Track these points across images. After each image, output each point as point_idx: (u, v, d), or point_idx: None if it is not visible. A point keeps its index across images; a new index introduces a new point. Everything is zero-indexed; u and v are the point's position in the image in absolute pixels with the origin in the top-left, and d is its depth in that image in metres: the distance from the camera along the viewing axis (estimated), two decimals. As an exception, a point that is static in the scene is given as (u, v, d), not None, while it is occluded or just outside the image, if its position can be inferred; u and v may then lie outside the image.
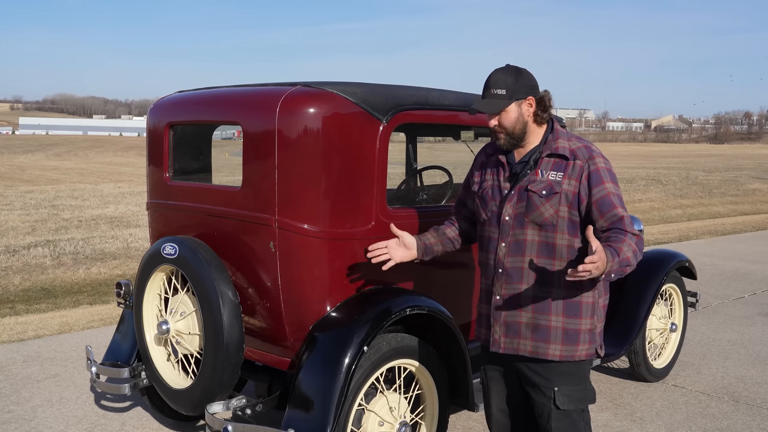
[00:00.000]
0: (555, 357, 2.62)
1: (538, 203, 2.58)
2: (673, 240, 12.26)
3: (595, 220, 2.54)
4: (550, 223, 2.58)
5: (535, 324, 2.63)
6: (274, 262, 3.08)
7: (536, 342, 2.63)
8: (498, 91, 2.58)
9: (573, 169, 2.58)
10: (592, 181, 2.55)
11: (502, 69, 2.63)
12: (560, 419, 2.65)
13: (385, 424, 3.16)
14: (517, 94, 2.59)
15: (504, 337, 2.69)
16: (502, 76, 2.60)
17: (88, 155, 55.12)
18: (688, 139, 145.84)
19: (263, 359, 3.38)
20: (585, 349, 2.65)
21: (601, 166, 2.58)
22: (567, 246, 2.59)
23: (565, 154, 2.60)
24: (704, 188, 23.48)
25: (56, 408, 4.42)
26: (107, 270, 9.65)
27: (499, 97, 2.58)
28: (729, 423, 4.30)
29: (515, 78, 2.60)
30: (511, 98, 2.59)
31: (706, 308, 7.21)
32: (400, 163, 5.04)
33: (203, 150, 4.05)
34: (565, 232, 2.58)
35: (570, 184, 2.56)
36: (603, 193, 2.54)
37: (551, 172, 2.60)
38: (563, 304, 2.61)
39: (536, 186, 2.60)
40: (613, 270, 2.39)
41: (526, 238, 2.62)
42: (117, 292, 3.99)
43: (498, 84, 2.59)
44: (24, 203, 17.53)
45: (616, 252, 2.40)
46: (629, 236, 2.47)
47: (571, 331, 2.62)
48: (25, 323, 6.65)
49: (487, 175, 2.80)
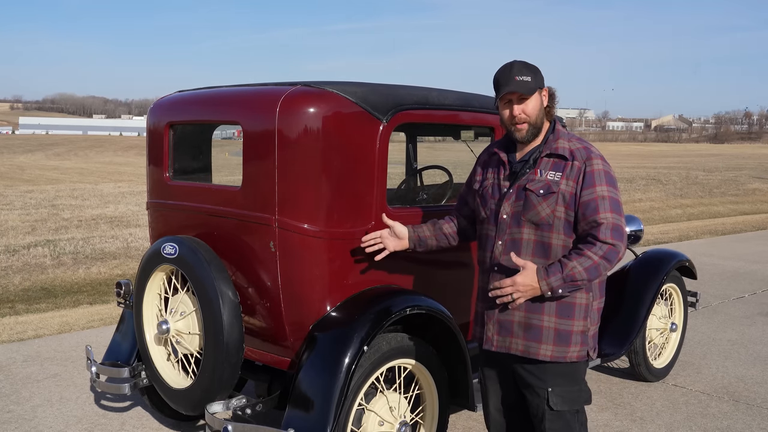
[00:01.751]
0: (546, 357, 2.62)
1: (536, 202, 2.59)
2: (673, 240, 12.26)
3: (578, 221, 2.56)
4: (546, 222, 2.58)
5: (527, 323, 2.63)
6: (274, 262, 3.08)
7: (528, 341, 2.63)
8: (524, 78, 2.58)
9: (571, 169, 2.58)
10: (585, 182, 2.56)
11: (514, 61, 2.63)
12: (554, 420, 2.65)
13: (385, 423, 3.16)
14: (539, 83, 2.62)
15: (497, 335, 2.70)
16: (520, 65, 2.61)
17: (88, 155, 55.12)
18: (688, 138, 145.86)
19: (263, 359, 3.38)
20: (576, 351, 2.64)
21: (597, 168, 2.56)
22: (562, 246, 2.59)
23: (565, 154, 2.61)
24: (704, 188, 23.48)
25: (56, 408, 4.41)
26: (107, 270, 9.65)
27: (527, 82, 2.58)
28: (729, 423, 4.30)
29: (530, 67, 2.62)
30: (536, 85, 2.61)
31: (706, 308, 7.21)
32: (400, 162, 5.03)
33: (203, 150, 4.05)
34: (561, 232, 2.59)
35: (568, 185, 2.57)
36: (591, 197, 2.53)
37: (550, 171, 2.60)
38: (556, 305, 2.61)
39: (534, 185, 2.60)
40: (554, 287, 2.47)
41: (523, 236, 2.62)
42: (117, 291, 3.99)
43: (522, 72, 2.59)
44: (24, 203, 17.53)
45: (560, 267, 2.47)
46: (596, 247, 2.47)
47: (563, 332, 2.61)
48: (25, 323, 6.65)
49: (488, 173, 2.81)
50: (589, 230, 2.51)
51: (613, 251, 2.47)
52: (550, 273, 2.49)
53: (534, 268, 2.52)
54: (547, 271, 2.50)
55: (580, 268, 2.46)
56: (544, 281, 2.48)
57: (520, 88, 2.57)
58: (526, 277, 2.49)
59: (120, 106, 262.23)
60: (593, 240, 2.49)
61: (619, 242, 2.48)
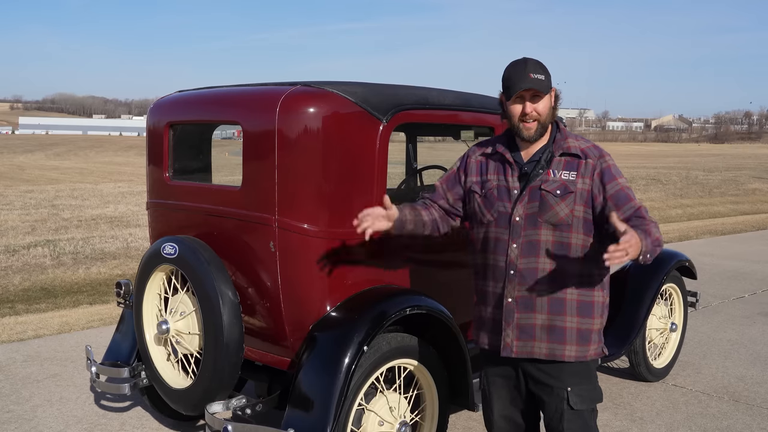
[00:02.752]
0: (571, 358, 2.60)
1: (553, 203, 2.55)
2: (673, 240, 12.26)
3: (609, 213, 2.50)
4: (565, 222, 2.55)
5: (550, 325, 2.59)
6: (274, 262, 3.08)
7: (552, 344, 2.60)
8: (538, 75, 2.53)
9: (586, 167, 2.57)
10: (605, 177, 2.56)
11: (529, 59, 2.58)
12: (573, 419, 2.62)
13: (385, 423, 3.15)
14: (550, 80, 2.58)
15: (517, 341, 2.62)
16: (534, 63, 2.56)
17: (87, 155, 55.12)
18: (688, 138, 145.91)
19: (263, 359, 3.38)
20: (594, 349, 2.65)
21: (612, 163, 2.61)
22: (582, 245, 2.58)
23: (578, 153, 2.59)
24: (704, 188, 23.48)
25: (56, 408, 4.41)
26: (107, 270, 9.64)
27: (541, 80, 2.53)
28: (729, 423, 4.30)
29: (543, 66, 2.58)
30: (549, 84, 2.56)
31: (706, 308, 7.21)
32: (400, 162, 5.04)
33: (203, 150, 4.05)
34: (580, 231, 2.57)
35: (584, 183, 2.56)
36: (617, 188, 2.55)
37: (563, 171, 2.58)
38: (577, 305, 2.59)
39: (550, 186, 2.56)
40: (648, 250, 2.37)
41: (540, 238, 2.58)
42: (117, 291, 3.99)
43: (537, 70, 2.54)
44: (24, 203, 17.53)
45: (645, 233, 2.39)
46: (651, 222, 2.49)
47: (584, 331, 2.61)
48: (24, 323, 6.65)
49: (489, 175, 2.71)
50: (632, 214, 2.52)
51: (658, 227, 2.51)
52: (645, 236, 2.37)
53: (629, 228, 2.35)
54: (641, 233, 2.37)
55: (659, 234, 2.44)
56: (643, 241, 2.35)
57: (537, 86, 2.52)
58: (633, 232, 2.31)
59: (120, 106, 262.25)
60: (643, 218, 2.49)
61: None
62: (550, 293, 2.58)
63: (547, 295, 2.58)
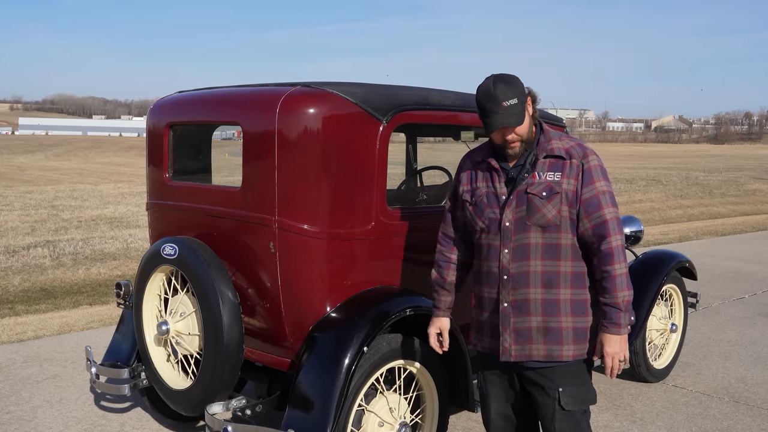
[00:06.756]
0: (569, 357, 2.61)
1: (540, 205, 2.57)
2: (673, 240, 12.26)
3: (581, 219, 2.56)
4: (553, 224, 2.57)
5: (546, 327, 2.61)
6: (274, 263, 3.08)
7: (549, 345, 2.61)
8: (510, 102, 2.49)
9: (570, 168, 2.58)
10: (585, 179, 2.57)
11: (494, 82, 2.52)
12: (564, 420, 2.64)
13: (385, 424, 3.15)
14: (522, 97, 2.54)
15: (515, 345, 2.64)
16: (503, 87, 2.50)
17: (87, 155, 55.13)
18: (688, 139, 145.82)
19: (263, 359, 3.38)
20: (590, 347, 2.66)
21: (594, 164, 2.60)
22: (571, 245, 2.59)
23: (561, 154, 2.60)
24: (704, 188, 23.47)
25: (56, 408, 4.41)
26: (107, 270, 9.64)
27: (514, 107, 2.50)
28: (729, 424, 4.30)
29: (512, 84, 2.53)
30: (522, 104, 2.53)
31: (706, 309, 7.21)
32: (400, 163, 5.03)
33: (203, 150, 4.05)
34: (569, 231, 2.58)
35: (569, 183, 2.57)
36: (592, 193, 2.55)
37: (548, 172, 2.59)
38: (571, 304, 2.60)
39: (536, 188, 2.58)
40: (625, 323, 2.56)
41: (530, 241, 2.59)
42: (117, 292, 3.99)
43: (506, 95, 2.49)
44: (23, 203, 17.52)
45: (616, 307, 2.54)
46: (615, 254, 2.53)
47: (580, 329, 2.62)
48: (24, 324, 6.64)
49: (478, 182, 2.73)
50: (596, 227, 2.54)
51: (621, 241, 2.58)
52: (614, 319, 2.54)
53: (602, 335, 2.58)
54: (611, 320, 2.55)
55: (625, 286, 2.54)
56: (619, 328, 2.55)
57: (511, 121, 2.50)
58: (610, 344, 2.56)
59: (120, 107, 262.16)
60: (607, 254, 2.53)
61: (622, 232, 2.61)
62: (543, 295, 2.60)
63: (541, 297, 2.60)
